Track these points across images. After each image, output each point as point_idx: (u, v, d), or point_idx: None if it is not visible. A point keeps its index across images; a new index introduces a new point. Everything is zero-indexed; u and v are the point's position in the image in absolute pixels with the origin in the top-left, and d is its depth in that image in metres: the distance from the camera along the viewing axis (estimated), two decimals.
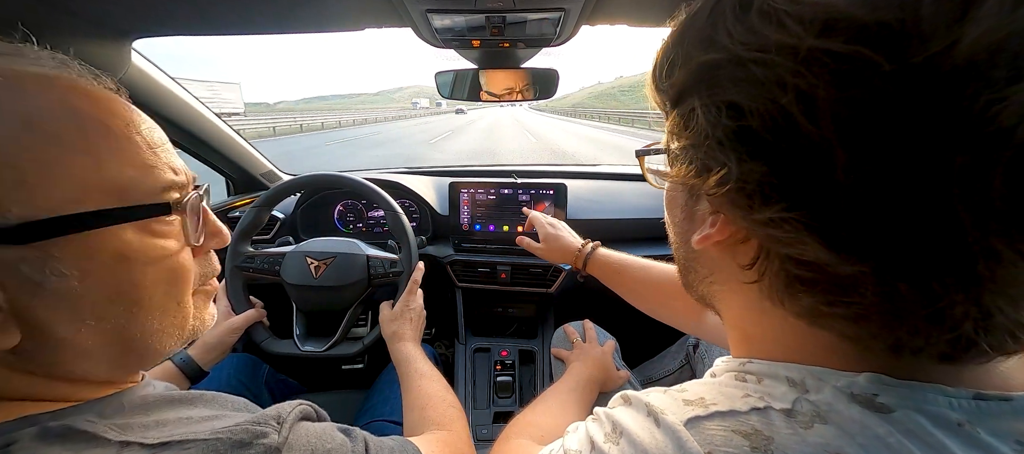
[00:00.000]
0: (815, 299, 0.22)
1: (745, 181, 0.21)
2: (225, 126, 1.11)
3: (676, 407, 0.25)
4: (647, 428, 0.25)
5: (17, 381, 0.27)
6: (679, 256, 0.34)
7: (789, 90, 0.19)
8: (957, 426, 0.21)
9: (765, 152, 0.20)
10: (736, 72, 0.21)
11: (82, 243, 0.26)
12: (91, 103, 0.27)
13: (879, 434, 0.21)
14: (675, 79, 0.25)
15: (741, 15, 0.21)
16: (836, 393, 0.22)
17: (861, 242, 0.19)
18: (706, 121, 0.22)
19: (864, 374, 0.23)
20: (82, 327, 0.27)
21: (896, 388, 0.22)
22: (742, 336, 0.30)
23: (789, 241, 0.21)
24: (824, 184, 0.19)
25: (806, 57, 0.18)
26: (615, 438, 0.26)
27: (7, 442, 0.24)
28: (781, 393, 0.24)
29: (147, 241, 0.29)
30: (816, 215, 0.20)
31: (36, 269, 0.24)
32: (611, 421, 0.28)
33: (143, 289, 0.29)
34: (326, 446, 0.34)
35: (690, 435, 0.23)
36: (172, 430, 0.28)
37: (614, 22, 0.74)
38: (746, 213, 0.22)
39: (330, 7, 0.68)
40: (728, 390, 0.26)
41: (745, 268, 0.25)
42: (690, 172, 0.25)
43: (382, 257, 0.85)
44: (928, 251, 0.19)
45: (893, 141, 0.17)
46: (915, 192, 0.18)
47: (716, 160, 0.22)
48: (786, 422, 0.22)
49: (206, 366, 0.71)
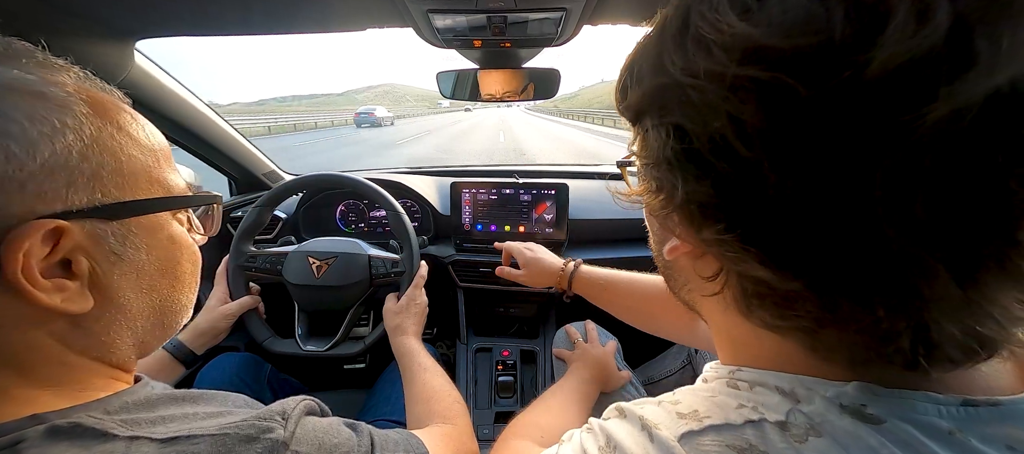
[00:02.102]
0: (768, 313, 0.23)
1: (689, 201, 0.22)
2: (228, 126, 1.11)
3: (670, 421, 0.25)
4: (641, 443, 0.25)
5: (64, 356, 0.29)
6: (659, 264, 0.35)
7: (721, 114, 0.19)
8: (948, 434, 0.21)
9: (708, 173, 0.21)
10: (678, 95, 0.22)
11: (151, 223, 0.32)
12: (141, 118, 0.33)
13: (872, 445, 0.21)
14: (630, 100, 0.25)
15: (680, 41, 0.22)
16: (827, 404, 0.23)
17: (796, 259, 0.20)
18: (656, 141, 0.23)
19: (852, 384, 0.23)
20: (140, 295, 0.32)
21: (884, 398, 0.22)
22: (728, 341, 0.31)
23: (736, 259, 0.22)
24: (758, 203, 0.20)
25: (732, 83, 0.19)
26: (609, 452, 0.27)
27: (16, 440, 0.24)
28: (774, 404, 0.24)
29: (181, 228, 0.36)
30: (753, 234, 0.21)
31: (120, 242, 0.30)
32: (605, 434, 0.28)
33: (181, 267, 0.36)
34: (333, 440, 0.34)
35: (684, 451, 0.23)
36: (179, 426, 0.29)
37: (615, 22, 0.74)
38: (695, 231, 0.23)
39: (332, 7, 0.68)
40: (721, 400, 0.26)
41: (708, 280, 0.26)
42: (650, 189, 0.25)
43: (384, 257, 0.85)
44: (858, 267, 0.19)
45: (817, 160, 0.18)
46: (841, 209, 0.18)
47: (667, 179, 0.23)
48: (781, 436, 0.22)
49: (198, 350, 0.72)
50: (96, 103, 0.29)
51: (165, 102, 0.92)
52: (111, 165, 0.29)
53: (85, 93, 0.29)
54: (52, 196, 0.26)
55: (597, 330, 0.88)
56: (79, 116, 0.27)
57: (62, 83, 0.28)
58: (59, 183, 0.26)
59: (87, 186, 0.28)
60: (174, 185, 0.34)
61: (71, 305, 0.28)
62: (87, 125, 0.28)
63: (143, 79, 0.84)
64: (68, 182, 0.27)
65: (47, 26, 0.63)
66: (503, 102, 1.03)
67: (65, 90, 0.27)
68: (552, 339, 0.93)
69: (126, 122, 0.31)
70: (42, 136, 0.25)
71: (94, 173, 0.28)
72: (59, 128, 0.26)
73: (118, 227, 0.30)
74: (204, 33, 0.78)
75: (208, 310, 0.77)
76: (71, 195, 0.27)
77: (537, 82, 0.98)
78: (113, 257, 0.30)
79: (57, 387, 0.29)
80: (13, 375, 0.27)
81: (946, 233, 0.17)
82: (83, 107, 0.28)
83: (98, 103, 0.29)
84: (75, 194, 0.27)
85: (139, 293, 0.32)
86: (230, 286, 0.81)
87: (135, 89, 0.83)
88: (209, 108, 1.04)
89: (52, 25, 0.63)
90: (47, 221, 0.26)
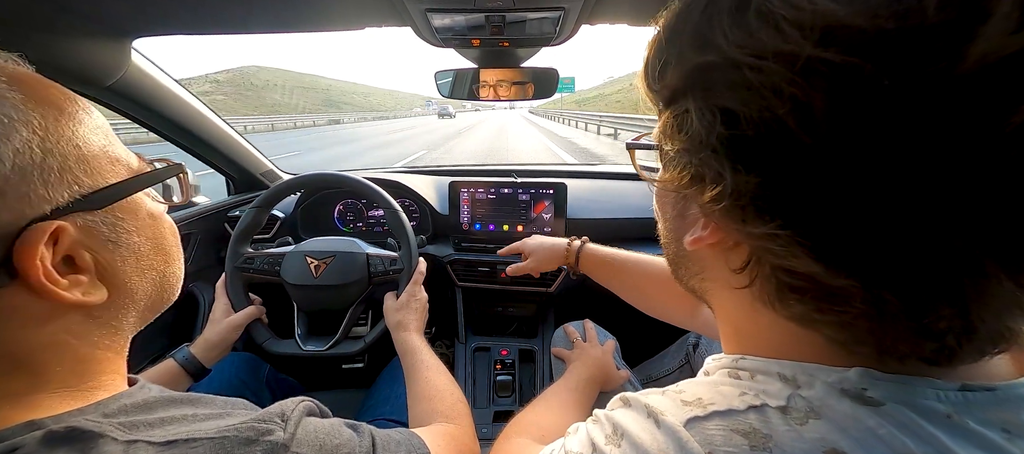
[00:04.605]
0: (805, 306, 0.23)
1: (740, 193, 0.21)
2: (225, 125, 1.11)
3: (675, 408, 0.25)
4: (648, 429, 0.25)
5: (80, 350, 0.30)
6: (669, 251, 0.34)
7: (785, 99, 0.18)
8: (946, 418, 0.21)
9: (759, 163, 0.20)
10: (731, 76, 0.20)
11: (131, 205, 0.32)
12: (73, 94, 0.31)
13: (870, 426, 0.21)
14: (668, 79, 0.24)
15: (737, 15, 0.20)
16: (827, 388, 0.23)
17: (853, 257, 0.19)
18: (701, 126, 0.21)
19: (854, 370, 0.23)
20: (142, 276, 0.33)
21: (884, 383, 0.22)
22: (734, 331, 0.30)
23: (781, 253, 0.21)
24: (817, 199, 0.19)
25: (804, 66, 0.18)
26: (616, 440, 0.26)
27: (12, 447, 0.24)
28: (775, 390, 0.24)
29: (154, 204, 0.36)
30: (809, 229, 0.20)
31: (111, 229, 0.30)
32: (611, 423, 0.28)
33: (166, 240, 0.36)
34: (334, 441, 0.34)
35: (690, 435, 0.23)
36: (177, 428, 0.28)
37: (614, 22, 0.74)
38: (739, 226, 0.22)
39: (330, 7, 0.68)
40: (724, 389, 0.26)
41: (736, 272, 0.25)
42: (684, 178, 0.24)
43: (382, 255, 0.85)
44: (919, 268, 0.19)
45: (890, 155, 0.17)
46: (910, 209, 0.17)
47: (710, 168, 0.22)
48: (783, 419, 0.22)
49: (208, 363, 0.72)
50: (22, 84, 0.27)
51: (162, 101, 0.91)
52: (72, 153, 0.28)
53: (4, 75, 0.26)
54: (34, 198, 0.26)
55: (595, 329, 0.88)
56: (17, 105, 0.26)
57: None
58: (35, 183, 0.26)
59: (61, 180, 0.27)
60: (131, 160, 0.34)
61: (89, 297, 0.29)
62: (32, 115, 0.26)
63: (140, 78, 0.83)
64: (43, 180, 0.26)
65: (42, 24, 0.62)
66: (502, 101, 1.03)
67: None
68: (550, 338, 0.94)
69: (61, 100, 0.29)
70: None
71: (61, 165, 0.27)
72: (7, 124, 0.25)
73: (105, 215, 0.30)
74: (201, 32, 0.78)
75: (215, 322, 0.77)
76: (52, 193, 0.27)
77: (536, 81, 0.98)
78: (110, 245, 0.30)
79: (66, 388, 0.29)
80: (27, 378, 0.27)
81: (1016, 234, 0.17)
82: (13, 93, 0.26)
83: (24, 84, 0.27)
84: (54, 191, 0.27)
85: (142, 275, 0.33)
86: (230, 296, 0.81)
87: (131, 88, 0.83)
88: (207, 108, 1.04)
89: (47, 23, 0.63)
90: (47, 223, 0.26)
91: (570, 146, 13.14)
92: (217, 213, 1.14)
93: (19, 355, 0.27)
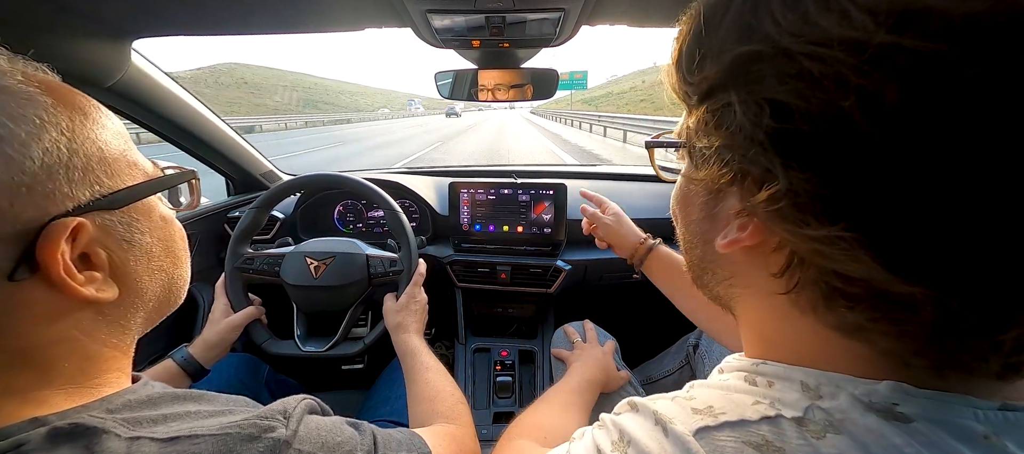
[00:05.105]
0: (857, 314, 0.21)
1: (797, 193, 0.19)
2: (225, 126, 1.11)
3: (685, 416, 0.24)
4: (655, 437, 0.24)
5: (88, 347, 0.30)
6: (693, 255, 0.31)
7: (850, 90, 0.17)
8: (983, 438, 0.20)
9: (816, 160, 0.18)
10: (783, 66, 0.19)
11: (145, 207, 0.33)
12: (94, 101, 0.33)
13: (896, 444, 0.20)
14: (706, 71, 0.22)
15: (791, 2, 0.19)
16: (852, 401, 0.21)
17: (926, 265, 0.18)
18: (747, 120, 0.20)
19: (885, 382, 0.21)
20: (153, 276, 0.34)
21: (919, 398, 0.21)
22: (758, 338, 0.29)
23: (838, 258, 0.19)
24: (889, 200, 0.17)
25: (875, 54, 0.16)
26: (623, 447, 0.25)
27: (17, 444, 0.24)
28: (793, 400, 0.23)
29: (164, 207, 0.37)
30: (878, 233, 0.18)
31: (127, 229, 0.31)
32: (618, 429, 0.27)
33: (175, 243, 0.37)
34: (336, 439, 0.34)
35: (700, 446, 0.22)
36: (180, 425, 0.29)
37: (614, 22, 0.74)
38: (794, 227, 0.20)
39: (330, 7, 0.68)
40: (737, 397, 0.25)
41: (775, 276, 0.23)
42: (723, 176, 0.22)
43: (382, 256, 0.85)
44: (1001, 279, 0.17)
45: (972, 154, 0.15)
46: (995, 214, 0.16)
47: (757, 165, 0.20)
48: (797, 432, 0.21)
49: (207, 364, 0.72)
50: (53, 91, 0.28)
51: (162, 102, 0.91)
52: (95, 155, 0.29)
53: (38, 81, 0.28)
54: (59, 196, 0.27)
55: (595, 330, 0.88)
56: (48, 108, 0.27)
57: (8, 72, 0.27)
58: (60, 181, 0.27)
59: (83, 180, 0.28)
60: (147, 165, 0.35)
61: (102, 294, 0.29)
62: (61, 117, 0.28)
63: (140, 79, 0.83)
64: (68, 179, 0.27)
65: (42, 24, 0.62)
66: (501, 102, 1.03)
67: (20, 82, 0.27)
68: (550, 339, 0.94)
69: (86, 106, 0.31)
70: (30, 136, 0.26)
71: (85, 166, 0.28)
72: (39, 124, 0.26)
73: (122, 215, 0.31)
74: (202, 32, 0.78)
75: (214, 323, 0.77)
76: (75, 191, 0.28)
77: (535, 82, 0.98)
78: (125, 245, 0.31)
79: (72, 386, 0.29)
80: (34, 374, 0.28)
81: None
82: (45, 97, 0.27)
83: (54, 91, 0.29)
84: (77, 189, 0.28)
85: (152, 275, 0.34)
86: (229, 297, 0.81)
87: (131, 89, 0.83)
88: (206, 108, 1.04)
89: (48, 24, 0.63)
90: (69, 219, 0.27)
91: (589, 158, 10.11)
92: (217, 214, 1.14)
93: (28, 350, 0.27)
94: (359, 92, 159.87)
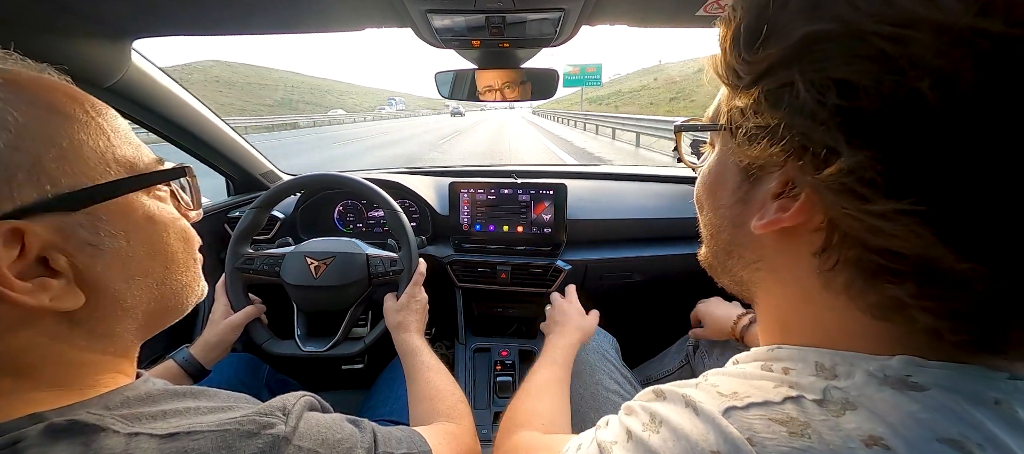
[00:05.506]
0: (902, 291, 0.21)
1: (863, 169, 0.19)
2: (225, 126, 1.11)
3: (711, 399, 0.25)
4: (687, 417, 0.25)
5: (65, 354, 0.29)
6: (720, 240, 0.32)
7: (927, 71, 0.17)
8: (994, 403, 0.21)
9: (883, 138, 0.18)
10: (853, 46, 0.19)
11: (120, 207, 0.30)
12: (82, 96, 0.31)
13: (911, 411, 0.20)
14: (770, 51, 0.22)
15: None
16: (867, 377, 0.22)
17: (992, 244, 0.18)
18: (810, 98, 0.20)
19: (897, 357, 0.22)
20: (132, 283, 0.31)
21: (930, 368, 0.22)
22: (778, 324, 0.30)
23: (896, 233, 0.19)
24: (956, 178, 0.18)
25: (959, 37, 0.17)
26: (655, 427, 0.26)
27: (15, 440, 0.24)
28: (809, 383, 0.24)
29: (160, 206, 0.34)
30: (942, 210, 0.18)
31: (92, 232, 0.29)
32: (648, 412, 0.28)
33: (169, 246, 0.34)
34: (336, 436, 0.34)
35: (729, 423, 0.23)
36: (179, 421, 0.28)
37: (614, 22, 0.74)
38: (856, 204, 0.20)
39: (330, 7, 0.68)
40: (757, 383, 0.25)
41: (815, 255, 0.24)
42: (773, 154, 0.23)
43: (382, 256, 0.85)
44: None
45: None
46: None
47: (819, 143, 0.20)
48: (820, 410, 0.22)
49: (208, 365, 0.72)
50: (16, 86, 0.27)
51: (162, 102, 0.91)
52: (52, 153, 0.27)
53: (1, 76, 0.26)
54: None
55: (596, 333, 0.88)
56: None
57: None
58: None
59: (30, 180, 0.26)
60: (136, 161, 0.32)
61: (60, 303, 0.27)
62: (9, 112, 0.25)
63: (140, 79, 0.83)
64: (7, 179, 0.25)
65: (43, 24, 0.62)
66: (501, 102, 1.03)
67: None
68: None
69: (60, 102, 0.28)
70: None
71: (34, 164, 0.26)
72: None
73: (83, 217, 0.28)
74: (202, 33, 0.78)
75: (214, 323, 0.77)
76: (16, 192, 0.25)
77: (535, 82, 0.99)
78: (90, 248, 0.28)
79: (61, 387, 0.29)
80: (11, 379, 0.27)
81: None
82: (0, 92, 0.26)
83: (19, 85, 0.27)
84: (20, 191, 0.25)
85: (131, 281, 0.31)
86: (229, 297, 0.81)
87: (132, 89, 0.83)
88: (206, 108, 1.04)
89: (48, 24, 0.63)
90: (3, 223, 0.25)
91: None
92: (217, 214, 1.14)
93: (1, 357, 0.27)
94: (347, 91, 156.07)
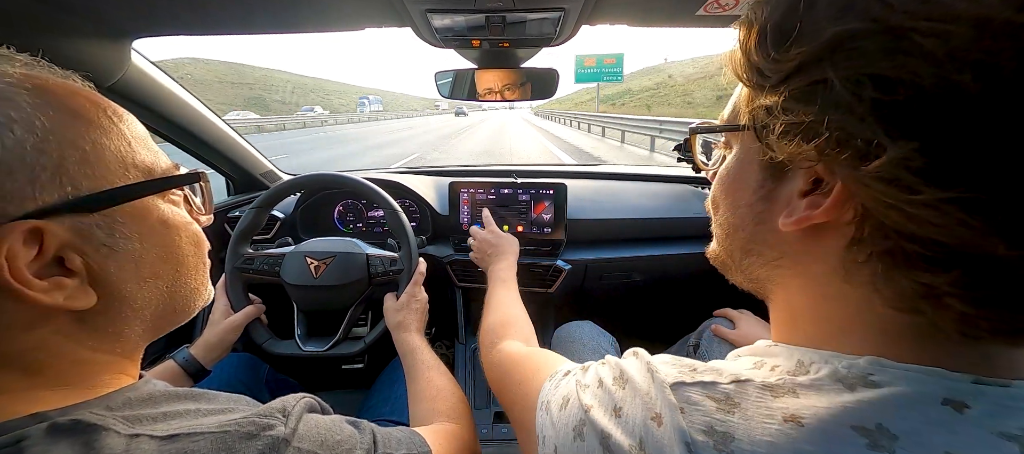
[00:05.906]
0: (941, 279, 0.21)
1: (908, 160, 0.19)
2: (225, 126, 1.11)
3: (669, 370, 0.28)
4: (645, 379, 0.29)
5: (74, 353, 0.30)
6: (738, 238, 0.32)
7: (967, 65, 0.17)
8: (941, 402, 0.21)
9: (925, 129, 0.19)
10: (888, 43, 0.19)
11: (136, 210, 0.31)
12: (105, 102, 0.32)
13: (843, 400, 0.22)
14: (801, 49, 0.22)
15: None
16: (832, 372, 0.24)
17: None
18: (846, 94, 0.20)
19: (865, 357, 0.23)
20: (143, 284, 0.32)
21: (893, 369, 0.23)
22: (789, 321, 0.30)
23: (941, 222, 0.19)
24: (1002, 165, 0.18)
25: (997, 30, 0.17)
26: (621, 382, 0.30)
27: (18, 438, 0.24)
28: (776, 374, 0.25)
29: (174, 210, 0.35)
30: (991, 197, 0.18)
31: (108, 233, 0.30)
32: (619, 368, 0.31)
33: (181, 250, 0.35)
34: (335, 438, 0.34)
35: (671, 395, 0.26)
36: (180, 423, 0.29)
37: (614, 22, 0.74)
38: (902, 195, 0.20)
39: (330, 7, 0.68)
40: (722, 365, 0.28)
41: (847, 248, 0.24)
42: (808, 149, 0.22)
43: (382, 256, 0.85)
44: None
45: None
46: None
47: (858, 137, 0.20)
48: (759, 392, 0.24)
49: (208, 365, 0.72)
50: (45, 91, 0.28)
51: (162, 102, 0.91)
52: (75, 156, 0.28)
53: (31, 81, 0.27)
54: (18, 197, 0.26)
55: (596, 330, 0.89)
56: (24, 107, 0.26)
57: (2, 73, 0.27)
58: (21, 182, 0.26)
59: (53, 181, 0.27)
60: (154, 166, 0.33)
61: (74, 302, 0.28)
62: (37, 116, 0.26)
63: (140, 79, 0.83)
64: (31, 179, 0.26)
65: (43, 25, 0.62)
66: (501, 102, 1.03)
67: (4, 80, 0.26)
68: (550, 339, 0.94)
69: (84, 108, 0.29)
70: None
71: (57, 166, 0.27)
72: (5, 123, 0.25)
73: (101, 219, 0.29)
74: (202, 32, 0.78)
75: (214, 324, 0.77)
76: (39, 193, 0.26)
77: (535, 82, 0.98)
78: (105, 250, 0.29)
79: (67, 386, 0.29)
80: (20, 376, 0.27)
81: None
82: (28, 96, 0.27)
83: (47, 91, 0.28)
84: (43, 191, 0.26)
85: (142, 283, 0.32)
86: (229, 297, 0.81)
87: (131, 89, 0.83)
88: (206, 108, 1.04)
89: (48, 24, 0.63)
90: (21, 222, 0.25)
91: None
92: (217, 214, 1.14)
93: (10, 354, 0.27)
94: (336, 90, 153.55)
